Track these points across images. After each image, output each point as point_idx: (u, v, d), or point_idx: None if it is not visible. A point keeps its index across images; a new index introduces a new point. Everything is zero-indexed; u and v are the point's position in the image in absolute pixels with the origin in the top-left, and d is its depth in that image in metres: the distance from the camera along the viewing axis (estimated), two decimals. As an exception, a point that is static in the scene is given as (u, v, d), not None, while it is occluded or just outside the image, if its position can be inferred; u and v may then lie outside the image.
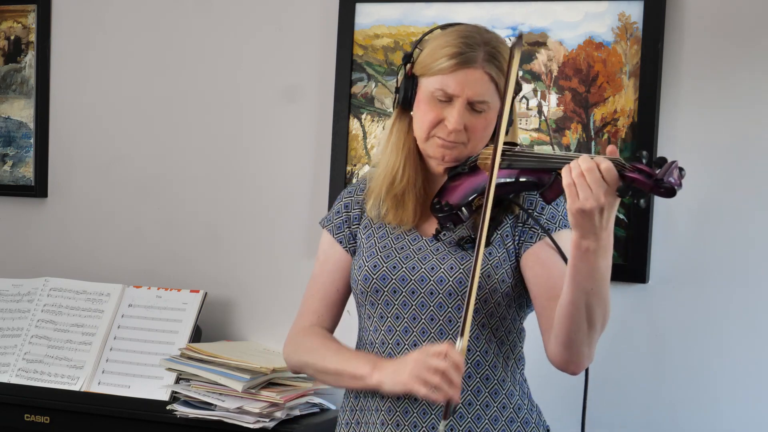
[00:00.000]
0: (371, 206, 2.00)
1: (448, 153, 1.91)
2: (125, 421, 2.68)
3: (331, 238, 2.05)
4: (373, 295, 1.96)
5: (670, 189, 1.62)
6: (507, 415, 1.93)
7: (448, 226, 1.92)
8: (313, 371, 2.00)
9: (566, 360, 1.84)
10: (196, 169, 3.09)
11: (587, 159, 1.66)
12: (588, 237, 1.68)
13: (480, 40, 1.89)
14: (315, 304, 2.05)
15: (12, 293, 3.04)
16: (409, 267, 1.94)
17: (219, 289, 3.01)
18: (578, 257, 1.71)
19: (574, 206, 1.65)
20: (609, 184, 1.64)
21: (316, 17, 2.95)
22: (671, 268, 2.62)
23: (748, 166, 2.56)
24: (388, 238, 1.98)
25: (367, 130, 2.86)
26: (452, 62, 1.87)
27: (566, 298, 1.76)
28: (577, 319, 1.77)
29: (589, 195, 1.64)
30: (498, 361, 1.93)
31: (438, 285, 1.91)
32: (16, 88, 3.29)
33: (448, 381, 1.73)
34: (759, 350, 2.55)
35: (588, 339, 1.80)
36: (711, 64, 2.59)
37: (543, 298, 1.90)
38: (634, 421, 2.63)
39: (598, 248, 1.69)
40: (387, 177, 1.97)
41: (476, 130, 1.91)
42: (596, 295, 1.74)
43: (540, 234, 1.93)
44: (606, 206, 1.65)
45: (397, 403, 1.92)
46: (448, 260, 1.92)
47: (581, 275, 1.72)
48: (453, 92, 1.88)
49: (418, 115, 1.93)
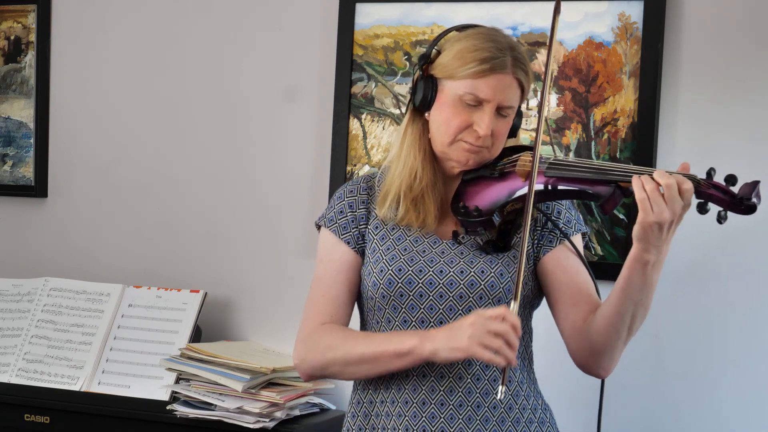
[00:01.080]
0: (386, 209, 1.95)
1: (473, 157, 1.90)
2: (125, 421, 2.68)
3: (335, 238, 1.98)
4: (397, 299, 1.91)
5: (751, 207, 1.67)
6: (527, 416, 1.93)
7: (479, 230, 1.90)
8: (342, 365, 1.89)
9: (598, 365, 1.86)
10: (196, 169, 3.09)
11: (664, 174, 1.68)
12: (650, 251, 1.71)
13: (506, 44, 1.89)
14: (326, 306, 1.95)
15: (12, 293, 3.04)
16: (437, 270, 1.91)
17: (219, 289, 3.01)
18: (636, 270, 1.73)
19: (648, 220, 1.68)
20: (685, 199, 1.68)
21: (316, 17, 2.95)
22: (671, 268, 2.61)
23: (748, 166, 2.56)
24: (407, 241, 1.94)
25: (367, 130, 2.86)
26: (485, 66, 1.85)
27: (612, 309, 1.78)
28: (619, 328, 1.79)
29: (664, 209, 1.67)
30: (518, 362, 1.93)
31: (469, 288, 1.89)
32: (16, 88, 3.29)
33: (509, 343, 1.72)
34: (759, 350, 2.55)
35: (623, 345, 1.83)
36: (711, 64, 2.59)
37: (566, 304, 1.90)
38: (634, 421, 2.63)
39: (657, 262, 1.73)
40: (405, 179, 1.93)
41: (500, 135, 1.91)
42: (643, 305, 1.77)
43: (559, 238, 1.93)
44: (677, 220, 1.69)
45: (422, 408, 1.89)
46: (477, 263, 1.90)
47: (634, 288, 1.75)
48: (485, 97, 1.86)
49: (440, 118, 1.90)
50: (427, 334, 1.80)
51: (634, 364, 2.64)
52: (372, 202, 2.00)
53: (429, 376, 1.89)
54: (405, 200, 1.93)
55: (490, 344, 1.71)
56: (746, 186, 1.68)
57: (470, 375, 1.89)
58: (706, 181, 1.70)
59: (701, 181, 1.70)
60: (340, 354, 1.88)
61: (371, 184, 2.02)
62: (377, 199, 1.98)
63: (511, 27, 2.72)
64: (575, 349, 1.88)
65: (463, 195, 1.92)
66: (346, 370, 1.90)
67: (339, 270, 1.97)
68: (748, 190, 1.67)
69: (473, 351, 1.73)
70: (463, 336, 1.74)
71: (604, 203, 1.77)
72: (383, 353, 1.84)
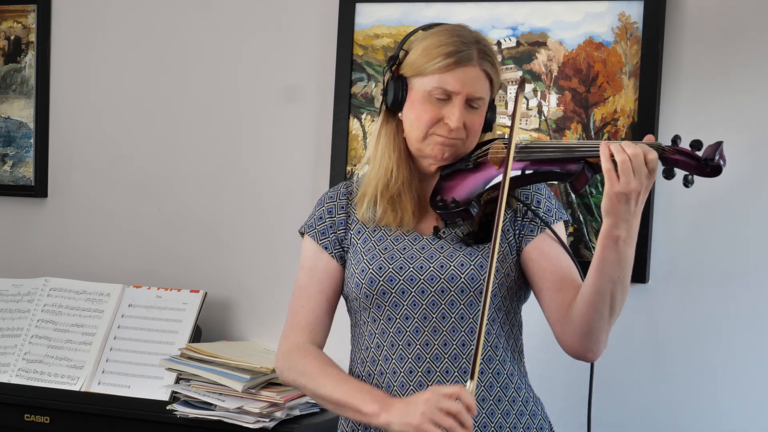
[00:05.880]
0: (365, 209, 1.98)
1: (447, 150, 1.93)
2: (125, 421, 2.68)
3: (315, 244, 2.02)
4: (380, 297, 1.94)
5: (716, 167, 1.67)
6: (517, 408, 1.94)
7: (457, 222, 1.93)
8: (311, 394, 1.97)
9: (585, 348, 1.87)
10: (196, 169, 3.09)
11: (630, 144, 1.69)
12: (619, 226, 1.71)
13: (471, 38, 1.92)
14: (306, 318, 2.00)
15: (12, 293, 3.04)
16: (417, 266, 1.93)
17: (219, 289, 3.01)
18: (608, 247, 1.74)
19: (614, 189, 1.69)
20: (650, 168, 1.68)
21: (316, 17, 2.95)
22: (671, 267, 2.62)
23: (748, 165, 2.56)
24: (387, 240, 1.97)
25: (367, 130, 2.86)
26: (450, 60, 1.88)
27: (590, 289, 1.79)
28: (600, 307, 1.79)
29: (632, 179, 1.68)
30: (507, 355, 1.95)
31: (449, 282, 1.91)
32: (16, 88, 3.29)
33: (461, 423, 1.73)
34: (759, 350, 2.55)
35: (608, 326, 1.83)
36: (711, 64, 2.59)
37: (551, 290, 1.91)
38: (634, 421, 2.63)
39: (629, 237, 1.73)
40: (381, 179, 1.96)
41: (473, 127, 1.93)
42: (621, 283, 1.77)
43: (540, 227, 1.95)
44: (643, 190, 1.69)
45: None
46: (457, 257, 1.93)
47: (609, 265, 1.75)
48: (453, 89, 1.89)
49: (412, 116, 1.93)
50: (387, 404, 1.83)
51: (634, 364, 2.64)
52: (351, 206, 2.03)
53: (416, 372, 1.92)
54: (382, 200, 1.96)
55: (441, 422, 1.73)
56: (710, 147, 1.69)
57: (457, 369, 1.90)
58: (672, 147, 1.71)
59: (666, 147, 1.71)
60: (311, 386, 1.95)
61: (351, 188, 2.05)
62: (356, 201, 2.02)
63: (511, 27, 2.72)
64: (561, 333, 1.90)
65: (441, 190, 1.94)
66: (314, 399, 1.99)
67: (320, 278, 2.01)
68: (712, 151, 1.68)
69: (424, 428, 1.74)
70: (416, 412, 1.76)
71: (574, 181, 1.79)
72: (347, 404, 1.89)
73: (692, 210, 2.59)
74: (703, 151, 1.69)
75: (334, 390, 1.91)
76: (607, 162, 1.70)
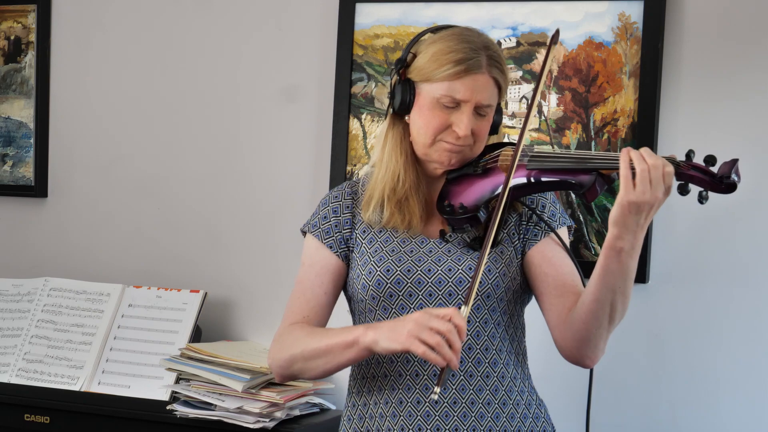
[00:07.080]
0: (371, 213, 1.97)
1: (455, 157, 1.92)
2: (125, 421, 2.68)
3: (318, 242, 2.00)
4: (387, 299, 1.93)
5: (731, 185, 1.67)
6: (521, 411, 1.93)
7: (465, 227, 1.92)
8: (303, 360, 1.89)
9: (582, 354, 1.87)
10: (196, 169, 3.09)
11: (651, 154, 1.68)
12: (624, 237, 1.70)
13: (480, 44, 1.90)
14: (300, 307, 1.97)
15: (12, 293, 3.05)
16: (425, 269, 1.92)
17: (219, 289, 3.01)
18: (611, 257, 1.73)
19: (628, 198, 1.68)
20: (667, 183, 1.68)
21: (316, 17, 2.95)
22: (671, 268, 2.62)
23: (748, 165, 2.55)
24: (394, 242, 1.96)
25: (367, 130, 2.86)
26: (459, 68, 1.87)
27: (591, 297, 1.78)
28: (599, 315, 1.79)
29: (648, 189, 1.67)
30: (510, 358, 1.94)
31: (457, 286, 1.91)
32: (16, 88, 3.29)
33: (449, 343, 1.71)
34: (759, 350, 2.55)
35: (607, 334, 1.83)
36: (711, 64, 2.59)
37: (552, 295, 1.91)
38: (634, 421, 2.63)
39: (632, 249, 1.72)
40: (388, 183, 1.95)
41: (481, 133, 1.92)
42: (622, 293, 1.77)
43: (545, 231, 1.95)
44: (656, 205, 1.68)
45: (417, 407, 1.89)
46: (465, 261, 1.92)
47: (611, 275, 1.75)
48: (462, 98, 1.88)
49: (420, 121, 1.92)
50: (374, 325, 1.82)
51: (634, 364, 2.64)
52: (357, 207, 2.01)
53: (422, 375, 1.91)
54: (389, 203, 1.95)
55: (427, 340, 1.71)
56: (725, 165, 1.69)
57: (463, 372, 1.90)
58: (686, 162, 1.70)
59: (681, 162, 1.71)
60: (299, 349, 1.89)
61: (355, 189, 2.04)
62: (362, 204, 2.00)
63: (511, 27, 2.72)
64: (560, 339, 1.90)
65: (448, 194, 1.93)
66: (307, 366, 1.90)
67: (318, 273, 1.99)
68: (728, 168, 1.68)
69: (409, 344, 1.73)
70: (403, 329, 1.74)
71: (586, 192, 1.79)
72: (335, 345, 1.84)
73: (692, 210, 2.59)
74: (719, 168, 1.69)
75: (321, 340, 1.86)
76: (626, 169, 1.68)
